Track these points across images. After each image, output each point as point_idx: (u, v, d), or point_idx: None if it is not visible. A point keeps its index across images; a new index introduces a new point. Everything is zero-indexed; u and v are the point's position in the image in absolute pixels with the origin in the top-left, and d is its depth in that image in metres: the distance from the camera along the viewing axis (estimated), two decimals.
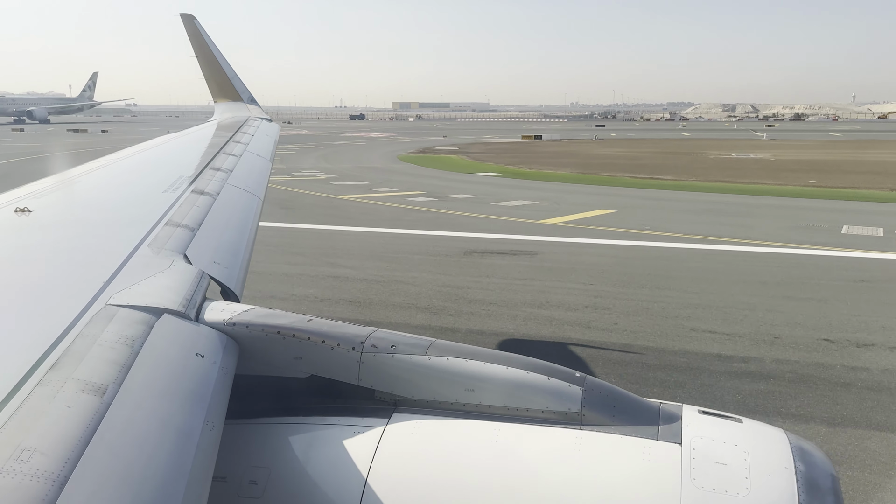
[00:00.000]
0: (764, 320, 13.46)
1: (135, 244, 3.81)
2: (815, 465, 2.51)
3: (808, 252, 19.64)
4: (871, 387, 10.48)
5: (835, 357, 11.62)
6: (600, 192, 34.54)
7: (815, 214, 26.84)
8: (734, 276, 16.95)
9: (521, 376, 2.79)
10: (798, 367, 11.24)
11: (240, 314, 3.08)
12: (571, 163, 52.67)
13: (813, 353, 11.81)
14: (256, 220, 5.95)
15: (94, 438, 1.93)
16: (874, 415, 9.56)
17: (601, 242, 21.46)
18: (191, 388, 2.49)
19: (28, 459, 1.77)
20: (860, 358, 11.58)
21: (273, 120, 14.30)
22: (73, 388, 2.14)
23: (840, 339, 12.39)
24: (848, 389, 10.37)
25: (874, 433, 9.07)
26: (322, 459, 2.71)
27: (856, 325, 13.11)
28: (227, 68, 15.46)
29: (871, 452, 8.57)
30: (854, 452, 8.54)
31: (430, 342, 2.96)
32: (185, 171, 6.54)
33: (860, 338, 12.47)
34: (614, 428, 2.64)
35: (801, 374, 10.95)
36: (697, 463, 2.46)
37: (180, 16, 15.32)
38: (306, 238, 22.60)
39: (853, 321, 13.38)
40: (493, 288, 15.83)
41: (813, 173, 43.13)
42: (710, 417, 2.71)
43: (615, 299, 14.89)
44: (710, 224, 24.53)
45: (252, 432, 2.86)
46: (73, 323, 2.63)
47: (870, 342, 12.32)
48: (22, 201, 4.62)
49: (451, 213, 27.57)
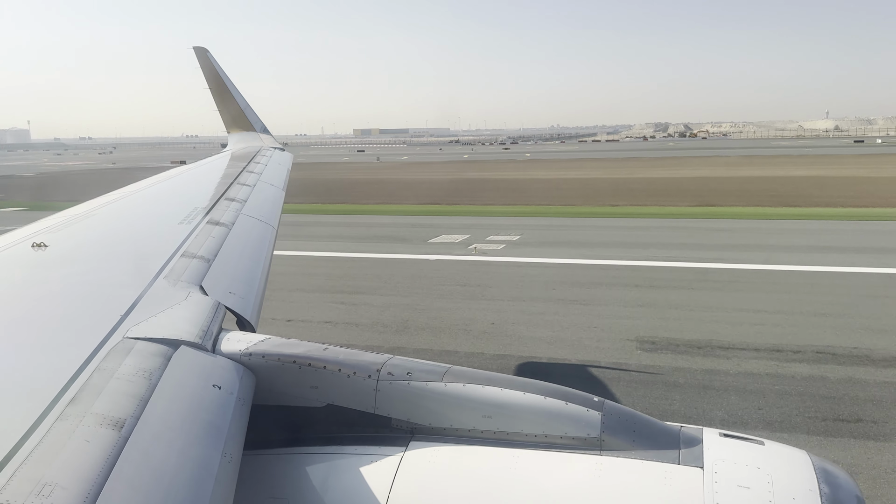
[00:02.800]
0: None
1: (151, 276, 3.84)
2: (839, 487, 2.47)
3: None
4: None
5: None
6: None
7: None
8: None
9: (538, 402, 2.77)
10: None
11: (256, 344, 3.09)
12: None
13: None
14: (271, 249, 5.98)
15: (113, 472, 1.93)
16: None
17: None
18: (208, 419, 2.49)
19: (49, 494, 1.77)
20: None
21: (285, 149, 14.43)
22: (92, 422, 2.15)
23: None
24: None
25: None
26: (340, 489, 2.70)
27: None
28: (240, 99, 15.60)
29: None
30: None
31: (445, 369, 2.95)
32: (199, 202, 6.60)
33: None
34: (635, 453, 2.60)
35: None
36: (720, 487, 2.42)
37: (193, 49, 15.50)
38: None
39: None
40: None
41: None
42: (731, 440, 2.67)
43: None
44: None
45: (270, 463, 2.85)
46: (91, 356, 2.65)
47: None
48: (38, 236, 4.68)
49: None
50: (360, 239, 28.68)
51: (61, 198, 35.04)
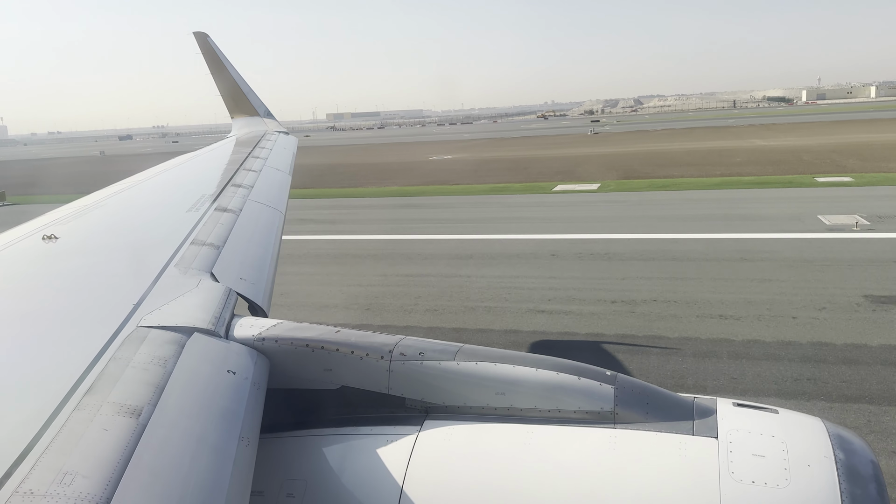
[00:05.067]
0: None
1: (162, 265, 3.86)
2: (854, 453, 2.47)
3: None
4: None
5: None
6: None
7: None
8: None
9: (551, 377, 2.78)
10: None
11: (268, 329, 3.11)
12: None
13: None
14: (279, 234, 6.00)
15: (132, 460, 1.96)
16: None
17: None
18: (224, 405, 2.52)
19: (71, 483, 1.80)
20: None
21: (290, 133, 14.38)
22: (110, 410, 2.18)
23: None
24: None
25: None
26: (357, 469, 2.73)
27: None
28: (243, 83, 15.48)
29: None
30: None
31: (457, 347, 2.96)
32: (207, 190, 6.61)
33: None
34: (648, 425, 2.62)
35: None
36: (735, 456, 2.43)
37: (194, 34, 15.35)
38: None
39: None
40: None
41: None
42: (745, 409, 2.67)
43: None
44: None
45: (286, 446, 2.88)
46: (107, 346, 2.67)
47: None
48: (48, 228, 4.71)
49: None
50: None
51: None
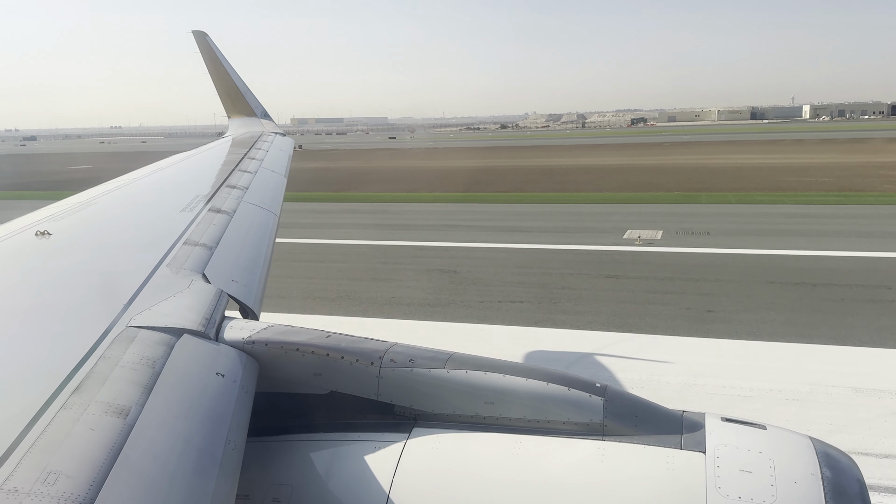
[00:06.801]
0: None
1: (154, 265, 3.85)
2: (841, 471, 2.48)
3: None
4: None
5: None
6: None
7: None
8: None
9: (541, 388, 2.77)
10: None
11: (258, 332, 3.10)
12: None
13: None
14: (273, 236, 5.98)
15: (118, 460, 1.94)
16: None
17: None
18: (212, 407, 2.50)
19: (55, 482, 1.79)
20: None
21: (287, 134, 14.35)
22: (97, 410, 2.16)
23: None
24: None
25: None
26: (344, 475, 2.71)
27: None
28: (240, 84, 15.42)
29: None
30: None
31: (448, 355, 2.96)
32: (201, 190, 6.59)
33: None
34: (637, 438, 2.61)
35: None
36: (722, 471, 2.43)
37: (192, 33, 15.32)
38: None
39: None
40: None
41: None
42: (733, 425, 2.67)
43: None
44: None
45: (274, 450, 2.87)
46: (96, 345, 2.66)
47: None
48: (41, 224, 4.68)
49: None
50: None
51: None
